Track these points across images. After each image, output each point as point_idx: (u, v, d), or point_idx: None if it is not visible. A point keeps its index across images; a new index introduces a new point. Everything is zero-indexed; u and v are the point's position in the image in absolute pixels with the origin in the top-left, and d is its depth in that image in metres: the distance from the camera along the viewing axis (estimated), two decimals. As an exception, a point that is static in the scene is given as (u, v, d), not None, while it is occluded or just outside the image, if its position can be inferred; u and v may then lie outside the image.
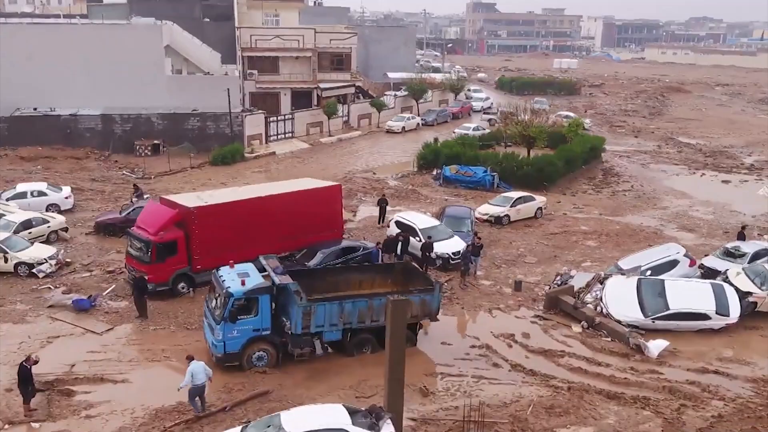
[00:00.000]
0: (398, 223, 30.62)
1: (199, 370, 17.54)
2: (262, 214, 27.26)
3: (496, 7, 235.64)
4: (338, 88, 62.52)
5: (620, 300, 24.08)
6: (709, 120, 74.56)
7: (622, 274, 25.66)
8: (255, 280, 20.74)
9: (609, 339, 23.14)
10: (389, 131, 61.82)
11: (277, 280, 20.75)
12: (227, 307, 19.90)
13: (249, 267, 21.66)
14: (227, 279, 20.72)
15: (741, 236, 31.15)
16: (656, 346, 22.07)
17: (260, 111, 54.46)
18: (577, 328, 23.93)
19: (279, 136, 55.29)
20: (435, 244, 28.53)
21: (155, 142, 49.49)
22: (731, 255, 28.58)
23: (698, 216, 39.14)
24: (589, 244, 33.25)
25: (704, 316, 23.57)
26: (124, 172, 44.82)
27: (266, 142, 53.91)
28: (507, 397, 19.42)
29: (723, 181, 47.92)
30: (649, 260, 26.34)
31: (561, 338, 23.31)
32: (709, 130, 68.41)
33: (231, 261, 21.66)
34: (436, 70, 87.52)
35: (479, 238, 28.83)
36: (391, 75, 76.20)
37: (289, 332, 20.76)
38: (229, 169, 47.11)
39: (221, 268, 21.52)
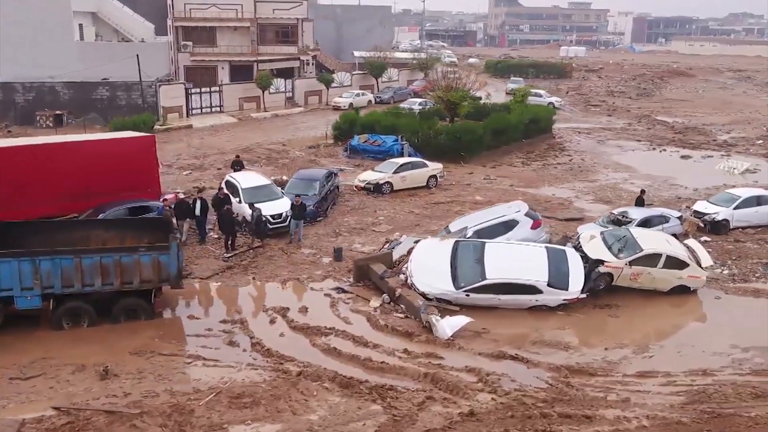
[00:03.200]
0: (227, 183, 26.00)
1: None
2: (39, 166, 22.91)
3: (519, 1, 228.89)
4: (278, 61, 57.91)
5: (428, 268, 18.99)
6: (702, 101, 67.96)
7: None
8: None
9: (402, 315, 18.10)
10: (336, 108, 56.98)
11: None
12: None
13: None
14: None
15: (639, 201, 25.83)
16: (450, 324, 16.99)
17: (180, 82, 50.20)
18: (375, 303, 18.98)
19: (204, 110, 50.91)
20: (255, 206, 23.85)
21: (57, 112, 45.64)
22: (618, 222, 23.25)
23: (629, 189, 33.49)
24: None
25: (532, 289, 18.31)
26: (6, 141, 40.99)
27: (188, 116, 49.60)
28: (211, 382, 14.66)
29: (682, 157, 42.09)
30: (482, 220, 21.11)
31: (345, 314, 18.42)
32: (696, 109, 62.06)
33: None
34: (416, 50, 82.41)
35: (298, 197, 23.92)
36: (357, 54, 71.43)
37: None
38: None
39: None
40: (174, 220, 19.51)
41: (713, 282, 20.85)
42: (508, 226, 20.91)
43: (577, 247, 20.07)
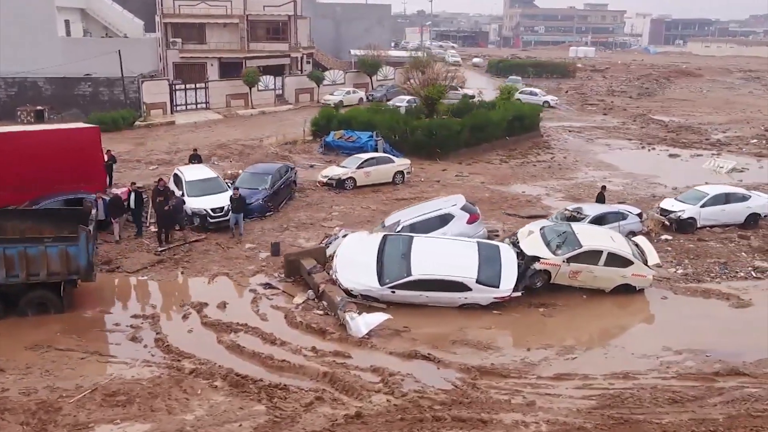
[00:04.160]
0: (174, 176, 25.40)
1: None
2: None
3: (534, 2, 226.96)
4: (268, 58, 57.27)
5: (354, 263, 18.12)
6: (704, 101, 66.36)
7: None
8: None
9: (322, 312, 17.28)
10: (325, 106, 56.20)
11: None
12: None
13: None
14: None
15: (600, 198, 24.77)
16: (366, 322, 16.14)
17: (164, 78, 49.75)
18: (299, 299, 18.17)
19: (190, 107, 50.40)
20: (197, 199, 23.24)
21: (38, 108, 45.31)
22: (572, 219, 22.25)
23: (607, 187, 32.36)
24: (431, 211, 27.08)
25: (460, 287, 17.37)
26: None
27: (172, 112, 49.13)
28: (98, 379, 13.88)
29: (670, 155, 40.84)
30: (417, 214, 20.21)
31: (264, 311, 17.63)
32: (696, 109, 60.56)
33: None
34: (415, 49, 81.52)
35: (237, 190, 23.15)
36: (354, 52, 70.71)
37: None
38: (105, 136, 42.37)
39: None
40: (94, 212, 18.73)
41: (664, 281, 19.78)
42: (444, 220, 19.98)
43: (516, 243, 19.08)
